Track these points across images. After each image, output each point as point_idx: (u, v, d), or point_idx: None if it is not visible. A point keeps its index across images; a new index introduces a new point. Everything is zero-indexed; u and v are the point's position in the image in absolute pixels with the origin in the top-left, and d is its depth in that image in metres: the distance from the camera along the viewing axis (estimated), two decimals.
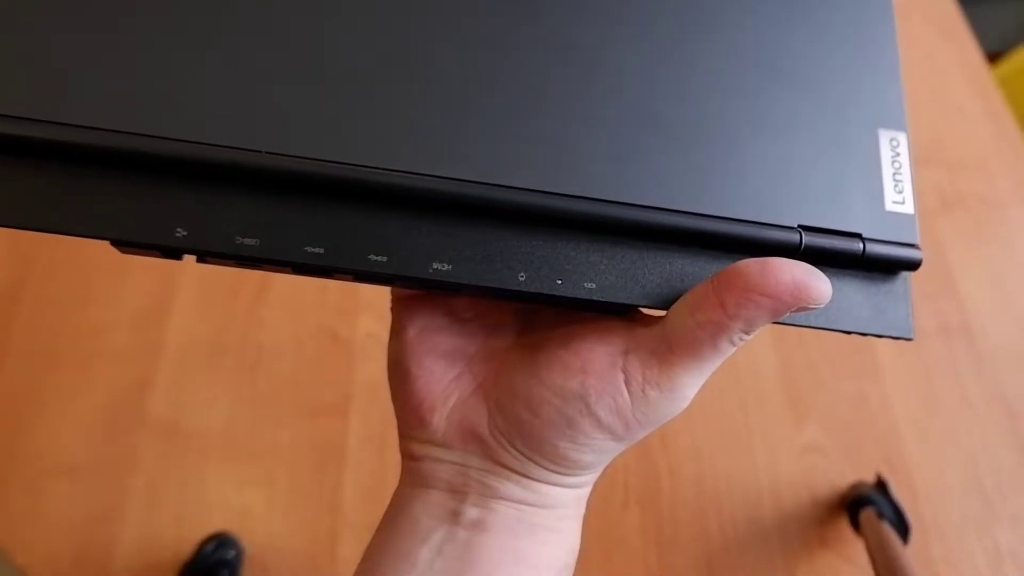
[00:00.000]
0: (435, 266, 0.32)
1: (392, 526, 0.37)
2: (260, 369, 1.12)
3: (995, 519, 0.98)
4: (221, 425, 1.08)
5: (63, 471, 1.05)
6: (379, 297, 0.35)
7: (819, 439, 1.03)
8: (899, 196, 0.36)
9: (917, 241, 0.35)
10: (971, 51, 1.41)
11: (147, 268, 1.10)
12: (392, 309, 0.38)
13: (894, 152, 0.37)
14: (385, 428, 1.08)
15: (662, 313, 0.34)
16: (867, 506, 0.96)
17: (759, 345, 1.08)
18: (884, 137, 0.37)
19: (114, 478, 1.05)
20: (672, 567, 0.94)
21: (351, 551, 1.00)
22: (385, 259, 0.32)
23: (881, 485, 0.98)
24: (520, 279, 0.32)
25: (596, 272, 0.33)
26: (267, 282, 1.16)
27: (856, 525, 0.98)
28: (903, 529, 0.95)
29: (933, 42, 1.41)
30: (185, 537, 1.03)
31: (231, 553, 1.02)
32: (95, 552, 1.01)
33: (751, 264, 0.31)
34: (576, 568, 0.38)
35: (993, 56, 1.81)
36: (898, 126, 0.38)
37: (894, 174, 0.37)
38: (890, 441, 1.03)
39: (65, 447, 1.06)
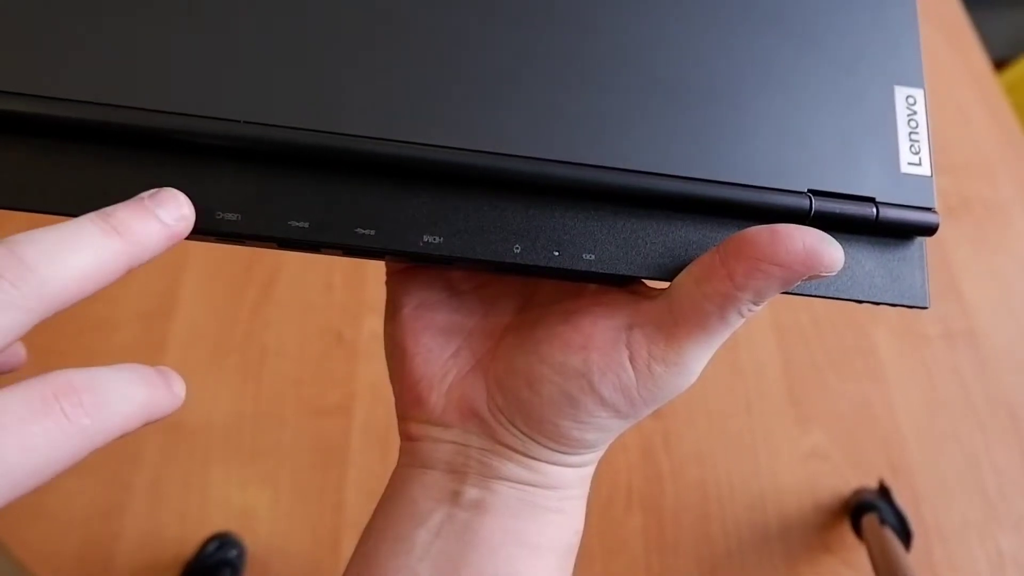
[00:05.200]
0: (426, 239, 0.31)
1: (389, 508, 0.36)
2: (264, 368, 1.12)
3: (997, 523, 0.97)
4: (225, 424, 1.08)
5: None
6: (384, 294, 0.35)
7: (822, 443, 1.02)
8: (915, 157, 0.34)
9: (934, 204, 0.34)
10: (977, 57, 1.41)
11: (152, 265, 1.11)
12: (387, 284, 0.37)
13: (911, 110, 0.35)
14: (389, 428, 1.08)
15: (666, 284, 0.32)
16: (870, 512, 0.95)
17: (762, 345, 1.08)
18: (900, 94, 0.35)
19: (117, 476, 1.05)
20: (674, 571, 0.94)
21: (353, 541, 1.00)
22: (373, 232, 0.30)
23: (884, 491, 0.98)
24: (515, 251, 0.31)
25: (595, 242, 0.32)
26: (273, 281, 1.16)
27: (859, 531, 0.97)
28: (906, 535, 0.95)
29: (939, 48, 1.41)
30: (187, 536, 1.02)
31: (233, 553, 1.02)
32: (97, 550, 1.01)
33: (760, 232, 0.29)
34: (577, 569, 0.37)
35: (1000, 63, 1.80)
36: (915, 82, 0.36)
37: (910, 133, 0.35)
38: (893, 444, 1.02)
39: None
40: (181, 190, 0.29)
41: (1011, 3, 2.18)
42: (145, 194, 0.28)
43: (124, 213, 0.26)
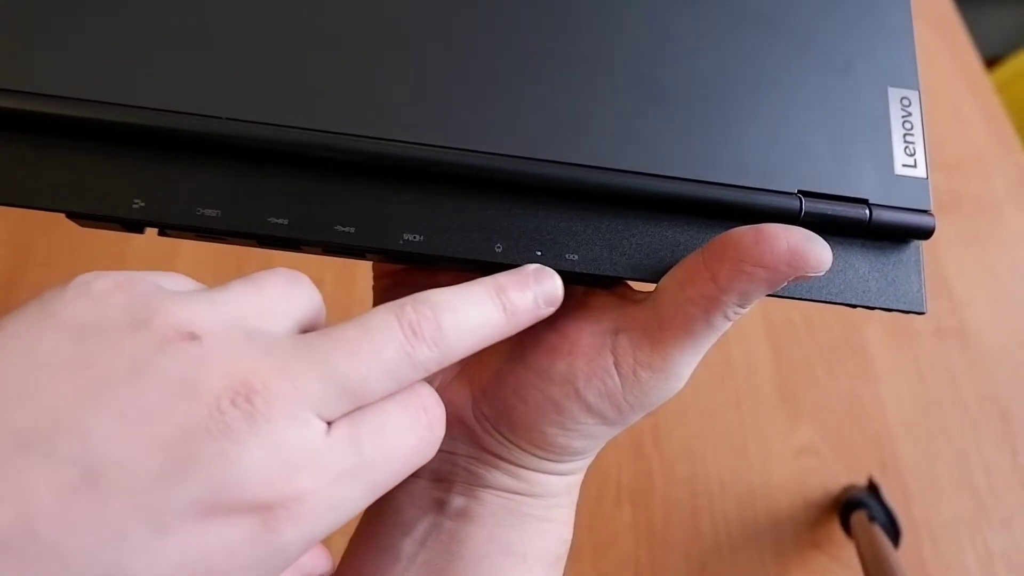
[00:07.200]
0: (406, 237, 0.31)
1: (375, 517, 0.36)
2: None
3: (987, 520, 0.97)
4: None
5: None
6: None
7: (812, 440, 1.02)
8: (910, 159, 0.34)
9: (930, 207, 0.33)
10: (969, 54, 1.41)
11: (144, 260, 1.10)
12: (374, 289, 0.37)
13: (905, 112, 0.34)
14: None
15: (652, 286, 0.32)
16: (859, 509, 0.96)
17: (753, 342, 1.07)
18: (894, 96, 0.35)
19: None
20: (663, 566, 0.94)
21: (340, 550, 0.99)
22: (353, 230, 0.30)
23: (873, 488, 0.98)
24: (497, 250, 0.31)
25: (579, 242, 0.32)
26: None
27: (848, 528, 0.97)
28: (894, 533, 0.95)
29: (930, 45, 1.41)
30: None
31: None
32: None
33: (744, 232, 0.29)
34: (566, 565, 0.37)
35: (992, 61, 1.80)
36: (910, 84, 0.35)
37: (905, 135, 0.34)
38: (883, 441, 1.02)
39: None
40: (161, 185, 0.30)
41: (1003, 1, 2.18)
42: (530, 269, 0.30)
43: (515, 295, 0.29)
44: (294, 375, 0.24)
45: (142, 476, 0.21)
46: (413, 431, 0.26)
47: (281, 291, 0.27)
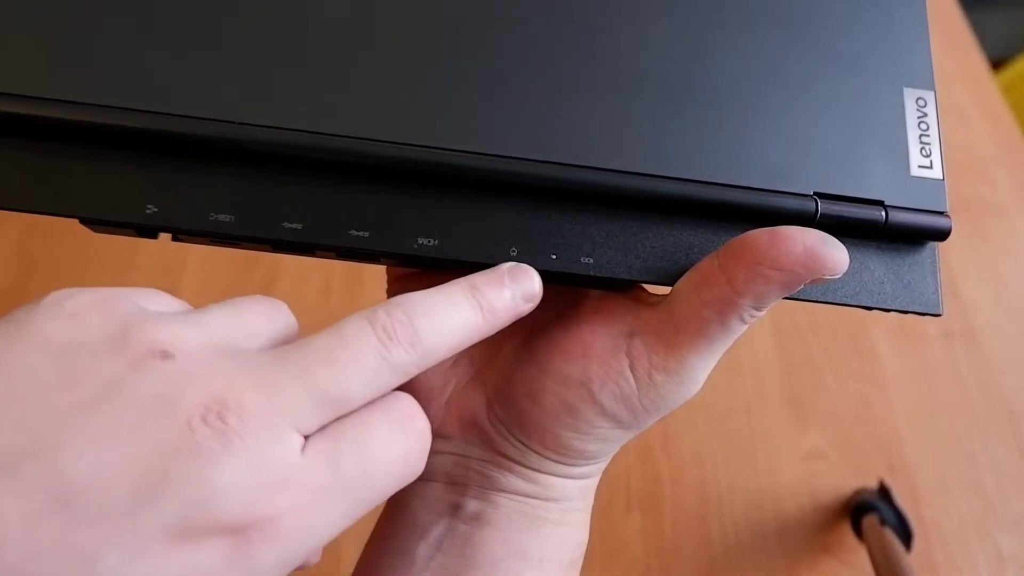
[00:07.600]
0: (420, 241, 0.31)
1: (390, 521, 0.36)
2: None
3: (996, 523, 0.97)
4: None
5: None
6: (382, 299, 0.35)
7: (820, 444, 1.02)
8: (926, 160, 0.34)
9: (946, 208, 0.33)
10: (974, 56, 1.40)
11: (150, 268, 1.10)
12: (388, 293, 0.37)
13: (921, 112, 0.35)
14: None
15: (667, 289, 0.32)
16: (870, 512, 0.95)
17: (761, 346, 1.07)
18: (910, 96, 0.35)
19: None
20: (673, 571, 0.94)
21: (355, 555, 0.99)
22: (367, 234, 0.30)
23: (884, 491, 0.97)
24: (512, 254, 0.31)
25: (594, 246, 0.31)
26: (271, 284, 1.15)
27: (859, 531, 0.97)
28: (906, 536, 0.94)
29: (936, 47, 1.40)
30: None
31: None
32: None
33: (759, 235, 0.29)
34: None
35: (998, 63, 1.80)
36: (925, 84, 0.35)
37: (921, 136, 0.34)
38: (892, 444, 1.02)
39: None
40: (175, 190, 0.30)
41: (1009, 2, 2.18)
42: (505, 268, 0.30)
43: (491, 293, 0.29)
44: (269, 389, 0.23)
45: (113, 498, 0.21)
46: (398, 441, 0.26)
47: (260, 315, 0.27)
